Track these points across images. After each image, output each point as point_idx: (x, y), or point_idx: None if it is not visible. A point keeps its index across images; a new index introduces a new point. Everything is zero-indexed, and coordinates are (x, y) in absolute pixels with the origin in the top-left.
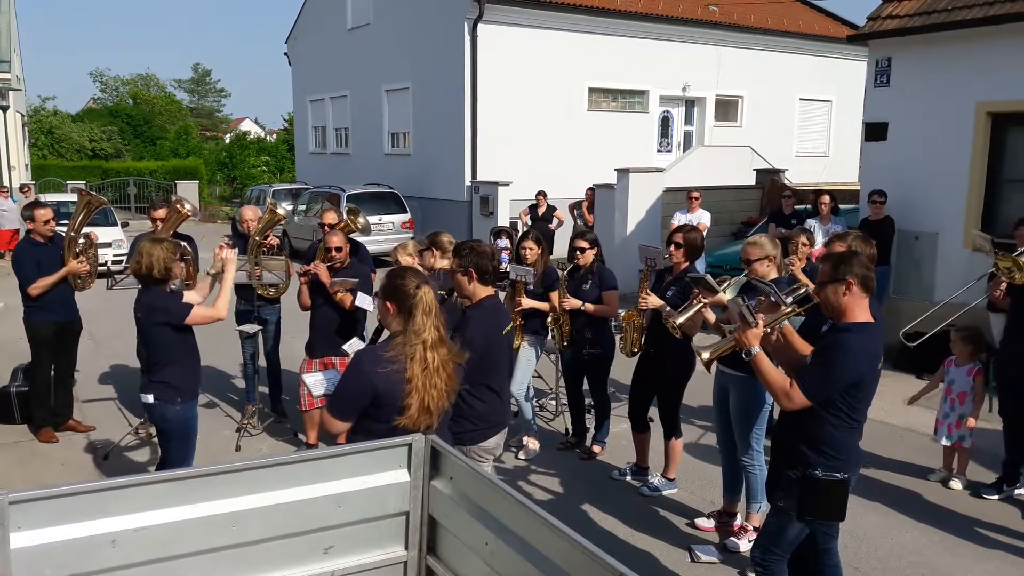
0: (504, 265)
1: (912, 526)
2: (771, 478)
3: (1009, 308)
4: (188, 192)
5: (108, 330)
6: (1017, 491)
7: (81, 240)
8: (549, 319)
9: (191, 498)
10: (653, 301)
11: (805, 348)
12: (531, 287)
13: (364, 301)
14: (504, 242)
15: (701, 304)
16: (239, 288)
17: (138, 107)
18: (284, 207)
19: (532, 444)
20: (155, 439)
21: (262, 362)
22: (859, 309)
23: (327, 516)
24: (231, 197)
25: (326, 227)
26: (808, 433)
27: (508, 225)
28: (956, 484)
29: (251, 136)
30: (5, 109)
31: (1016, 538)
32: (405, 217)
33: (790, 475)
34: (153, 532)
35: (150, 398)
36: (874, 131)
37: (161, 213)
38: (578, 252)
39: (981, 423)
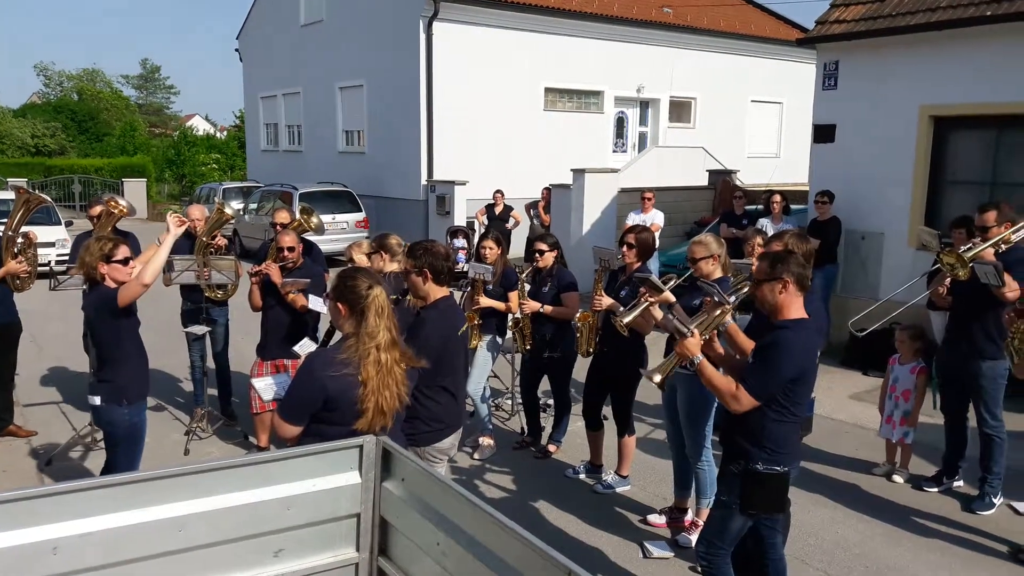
0: (461, 265)
1: (857, 519)
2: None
3: (950, 306)
4: (135, 190)
5: (51, 332)
6: (956, 484)
7: (20, 240)
8: (509, 323)
9: (137, 503)
10: (606, 302)
11: (750, 346)
12: (490, 287)
13: (316, 303)
14: (461, 242)
15: (647, 303)
16: (187, 289)
17: (83, 102)
18: (233, 206)
19: (487, 444)
20: (101, 444)
21: (211, 364)
22: (794, 307)
23: (277, 519)
24: (180, 195)
25: (278, 226)
26: (748, 428)
27: (465, 225)
28: (899, 478)
29: (200, 133)
30: None
31: (955, 529)
32: (360, 216)
33: (732, 469)
34: (97, 538)
35: (97, 400)
36: (822, 133)
37: (97, 211)
38: (538, 255)
39: (923, 418)
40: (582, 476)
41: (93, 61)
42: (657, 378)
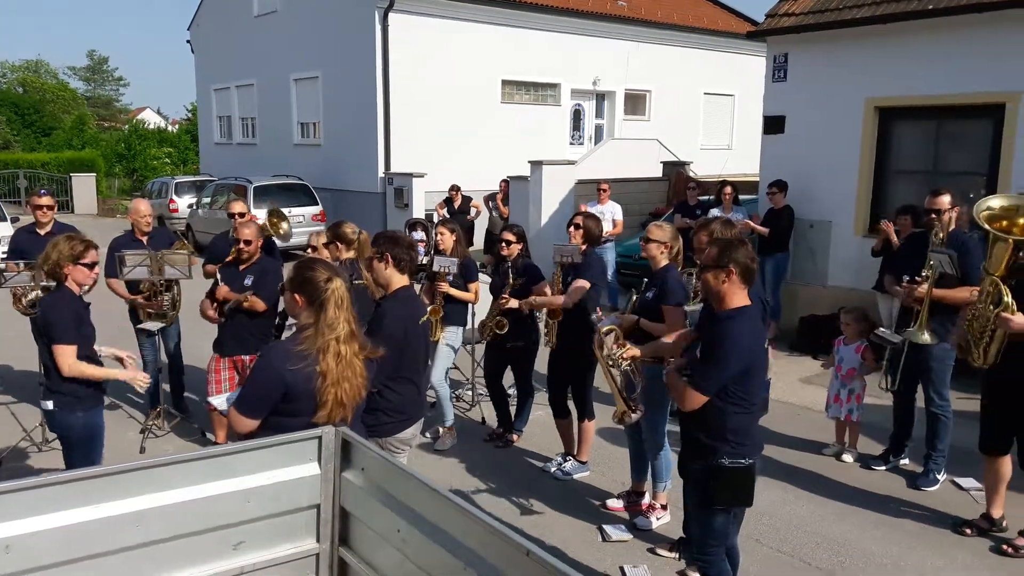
0: (421, 257)
1: (808, 498)
2: (682, 473)
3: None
4: (85, 185)
5: None
6: (902, 462)
7: None
8: (482, 320)
9: (92, 499)
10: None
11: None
12: (451, 278)
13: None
14: (420, 234)
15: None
16: (136, 285)
17: (28, 95)
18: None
19: (448, 434)
20: (53, 444)
21: (163, 359)
22: (737, 296)
23: (236, 512)
24: (131, 190)
25: (236, 216)
26: (708, 424)
27: (424, 217)
28: (848, 457)
29: (151, 126)
30: None
31: (902, 505)
32: (316, 209)
33: (696, 466)
34: (52, 535)
35: (49, 404)
36: (772, 124)
37: (46, 200)
38: (503, 244)
39: (870, 399)
40: (554, 469)
41: (37, 52)
42: (621, 409)
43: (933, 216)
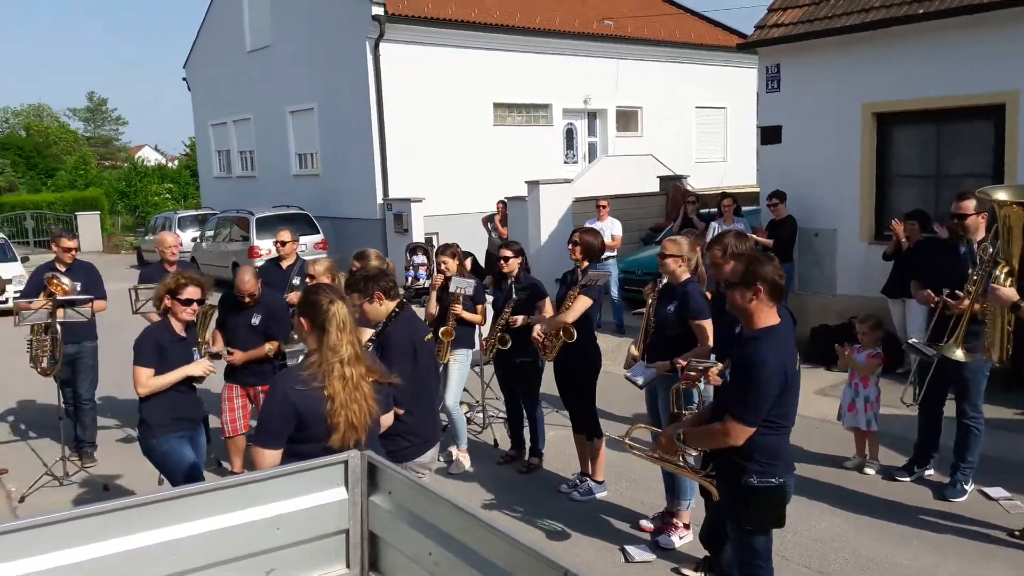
0: (420, 281)
1: (833, 513)
2: (703, 491)
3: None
4: (90, 224)
5: (12, 367)
6: (927, 472)
7: None
8: (484, 338)
9: (126, 530)
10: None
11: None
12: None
13: None
14: (420, 258)
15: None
16: None
17: (31, 138)
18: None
19: (463, 458)
20: (72, 479)
21: None
22: (765, 315)
23: (267, 539)
24: (135, 227)
25: (279, 244)
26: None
27: (424, 241)
28: (870, 470)
29: (151, 163)
30: None
31: (931, 516)
32: (318, 238)
33: (726, 487)
34: (89, 567)
35: (135, 433)
36: (768, 135)
37: (73, 244)
38: (502, 261)
39: (889, 409)
40: (571, 490)
41: (39, 96)
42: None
43: (956, 221)
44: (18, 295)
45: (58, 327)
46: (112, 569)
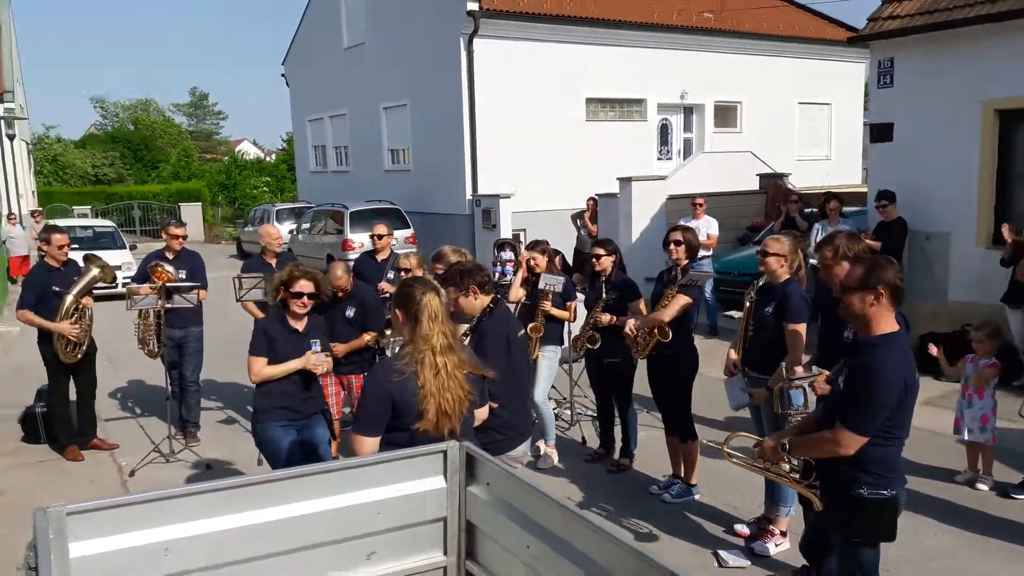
0: (508, 277)
1: (941, 529)
2: (801, 499)
3: None
4: (192, 214)
5: (123, 350)
6: None
7: (77, 307)
8: (575, 336)
9: (239, 507)
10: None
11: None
12: (552, 297)
13: None
14: (508, 254)
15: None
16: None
17: (138, 131)
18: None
19: (551, 453)
20: (178, 456)
21: None
22: (884, 321)
23: (368, 523)
24: (233, 218)
25: (376, 238)
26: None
27: (512, 237)
28: (983, 485)
29: (249, 157)
30: (12, 138)
31: None
32: (408, 232)
33: (834, 498)
34: (204, 540)
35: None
36: (879, 132)
37: (182, 231)
38: (595, 260)
39: (1006, 423)
40: (663, 492)
41: (146, 92)
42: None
43: None
44: (128, 280)
45: (164, 312)
46: (225, 544)
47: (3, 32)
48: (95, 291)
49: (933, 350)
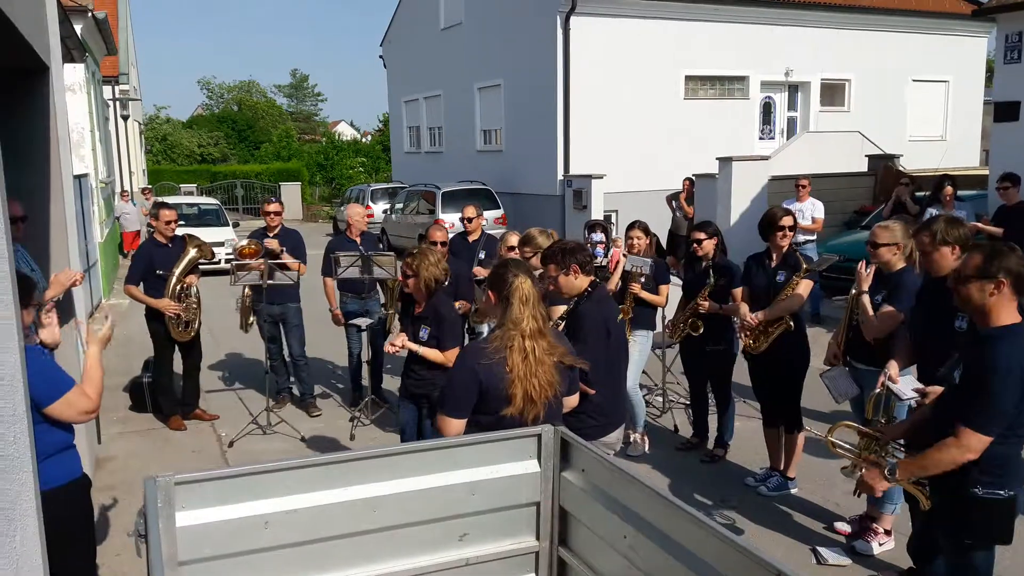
0: (600, 259)
1: None
2: (907, 497)
3: None
4: (292, 193)
5: (223, 324)
6: None
7: (181, 286)
8: (671, 320)
9: (336, 483)
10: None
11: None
12: (644, 280)
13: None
14: (599, 236)
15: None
16: (347, 283)
17: (242, 113)
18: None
19: (642, 441)
20: (276, 428)
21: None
22: (1006, 311)
23: (461, 504)
24: (330, 197)
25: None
26: None
27: (603, 218)
28: None
29: (346, 138)
30: (126, 118)
31: None
32: (498, 213)
33: (944, 496)
34: (301, 515)
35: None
36: (1004, 111)
37: (275, 208)
38: (696, 244)
39: None
40: (759, 484)
41: (249, 73)
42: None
43: None
44: (231, 256)
45: (264, 289)
46: (320, 520)
47: (120, 19)
48: (200, 266)
49: None
